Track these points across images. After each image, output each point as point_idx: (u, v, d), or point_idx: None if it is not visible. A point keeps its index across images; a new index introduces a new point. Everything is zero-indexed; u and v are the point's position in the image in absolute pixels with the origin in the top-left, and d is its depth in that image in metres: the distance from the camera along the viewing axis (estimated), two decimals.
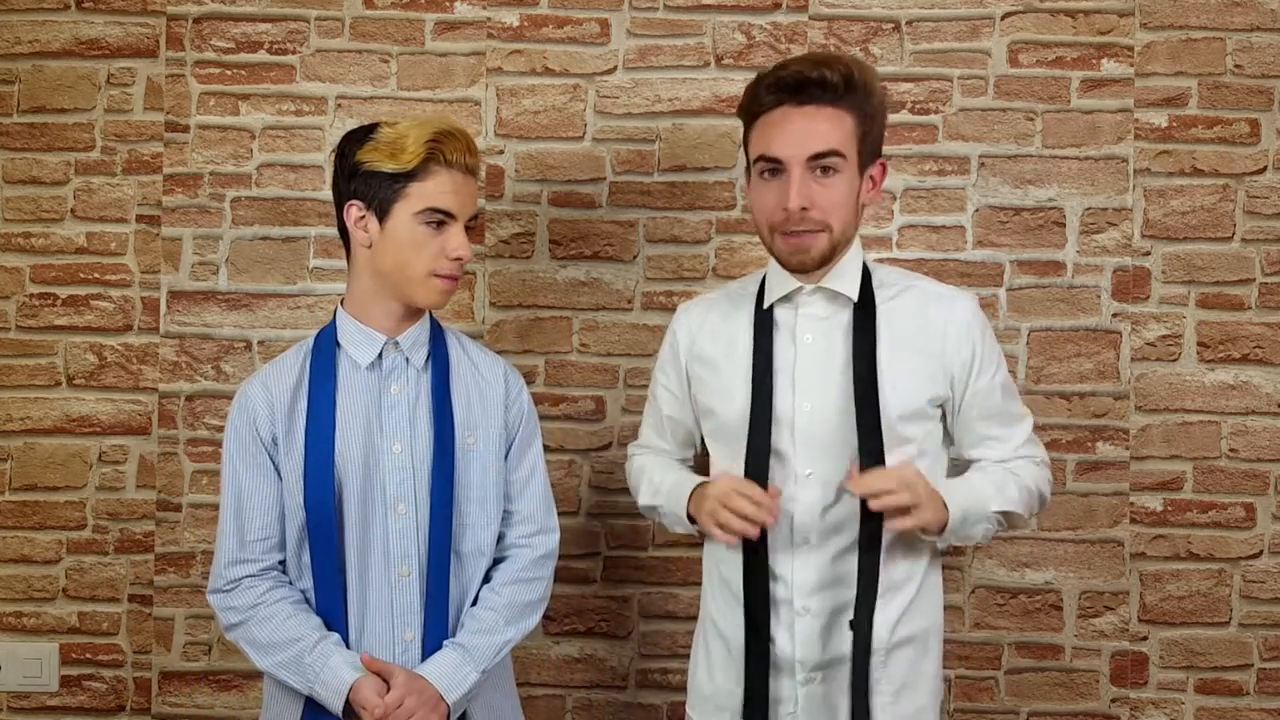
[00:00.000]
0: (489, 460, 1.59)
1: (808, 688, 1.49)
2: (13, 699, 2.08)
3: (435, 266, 1.50)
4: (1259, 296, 2.05)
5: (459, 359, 1.62)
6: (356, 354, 1.55)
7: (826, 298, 1.53)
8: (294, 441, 1.53)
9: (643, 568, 2.08)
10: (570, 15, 2.08)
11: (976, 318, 1.55)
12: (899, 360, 1.50)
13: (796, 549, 1.50)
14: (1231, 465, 2.05)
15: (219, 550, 1.55)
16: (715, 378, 1.58)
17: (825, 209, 1.45)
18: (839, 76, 1.44)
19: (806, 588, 1.49)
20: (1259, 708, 2.04)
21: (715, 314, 1.63)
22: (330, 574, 1.50)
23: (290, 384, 1.56)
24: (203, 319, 2.08)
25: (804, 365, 1.51)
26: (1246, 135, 2.05)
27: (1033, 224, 2.06)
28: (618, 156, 2.09)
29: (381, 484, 1.53)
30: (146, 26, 2.09)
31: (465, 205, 1.51)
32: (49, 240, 2.09)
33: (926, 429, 1.52)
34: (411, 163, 1.48)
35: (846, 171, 1.46)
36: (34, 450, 2.08)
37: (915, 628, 1.53)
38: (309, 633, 1.49)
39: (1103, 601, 2.05)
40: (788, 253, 1.49)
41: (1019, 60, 2.06)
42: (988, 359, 1.54)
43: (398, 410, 1.55)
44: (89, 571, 2.08)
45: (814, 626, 1.49)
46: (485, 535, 1.58)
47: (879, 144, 1.53)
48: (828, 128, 1.44)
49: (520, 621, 1.59)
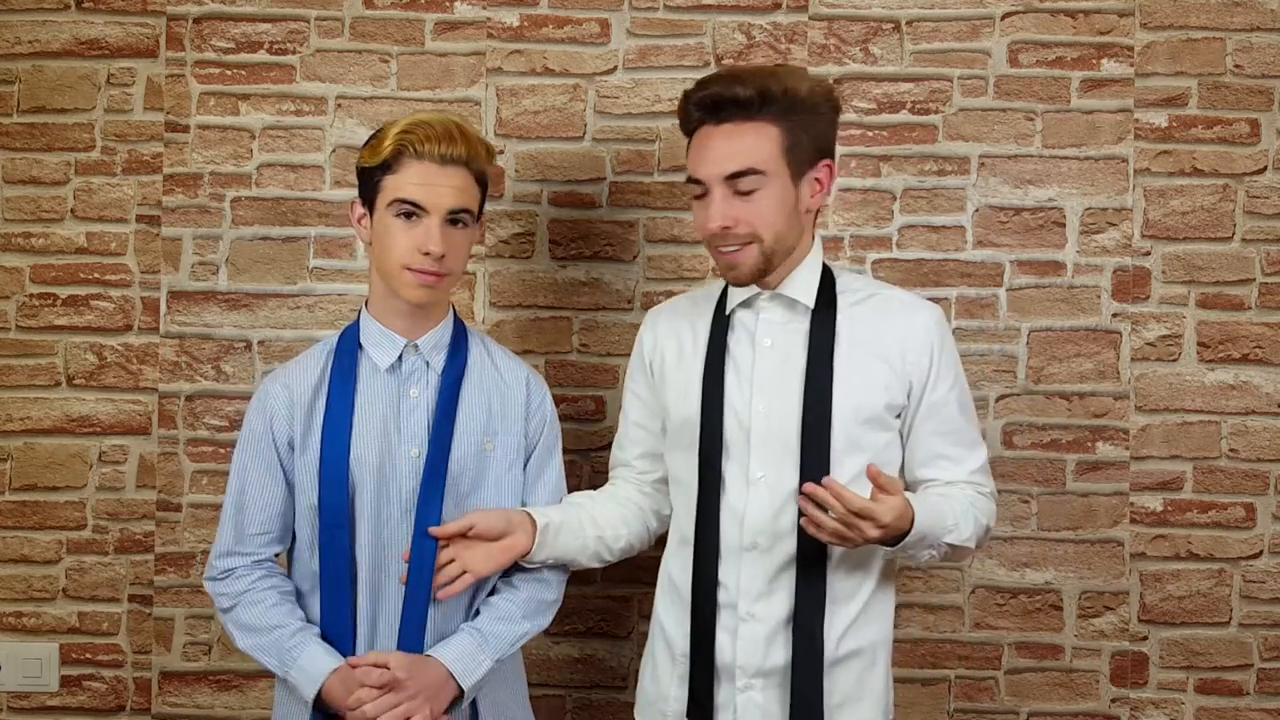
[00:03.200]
0: (505, 466, 1.58)
1: (746, 694, 1.48)
2: (13, 699, 2.08)
3: (407, 260, 1.48)
4: (1259, 296, 2.05)
5: (481, 363, 1.61)
6: (377, 356, 1.55)
7: (784, 304, 1.53)
8: (311, 442, 1.53)
9: (643, 568, 2.08)
10: (570, 15, 2.08)
11: (939, 327, 1.54)
12: (858, 365, 1.49)
13: (745, 553, 1.48)
14: (1231, 465, 2.05)
15: (218, 538, 1.58)
16: (673, 378, 1.59)
17: (751, 223, 1.45)
18: (752, 92, 1.43)
19: (752, 593, 1.48)
20: (1259, 708, 2.04)
21: (678, 317, 1.64)
22: (340, 578, 1.50)
23: (312, 384, 1.56)
24: (203, 319, 2.08)
25: (762, 368, 1.51)
26: (1246, 135, 2.05)
27: (1033, 224, 2.06)
28: (618, 156, 2.09)
29: (398, 488, 1.52)
30: (146, 26, 2.09)
31: (438, 197, 1.48)
32: (49, 240, 2.09)
33: (885, 439, 1.51)
34: (385, 155, 1.49)
35: (771, 185, 1.45)
36: (34, 450, 2.08)
37: (863, 640, 1.50)
38: (292, 621, 1.51)
39: (1103, 601, 2.05)
40: (723, 268, 1.51)
41: (1019, 60, 2.06)
42: (945, 369, 1.53)
43: (416, 414, 1.54)
44: (89, 571, 2.08)
45: (758, 633, 1.47)
46: None
47: (822, 143, 1.50)
48: (747, 145, 1.43)
49: (537, 617, 1.59)
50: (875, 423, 1.49)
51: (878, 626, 1.53)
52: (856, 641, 1.50)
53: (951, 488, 1.53)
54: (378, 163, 1.50)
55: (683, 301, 1.68)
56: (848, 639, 1.49)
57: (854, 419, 1.47)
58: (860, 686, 1.50)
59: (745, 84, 1.43)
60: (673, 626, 1.57)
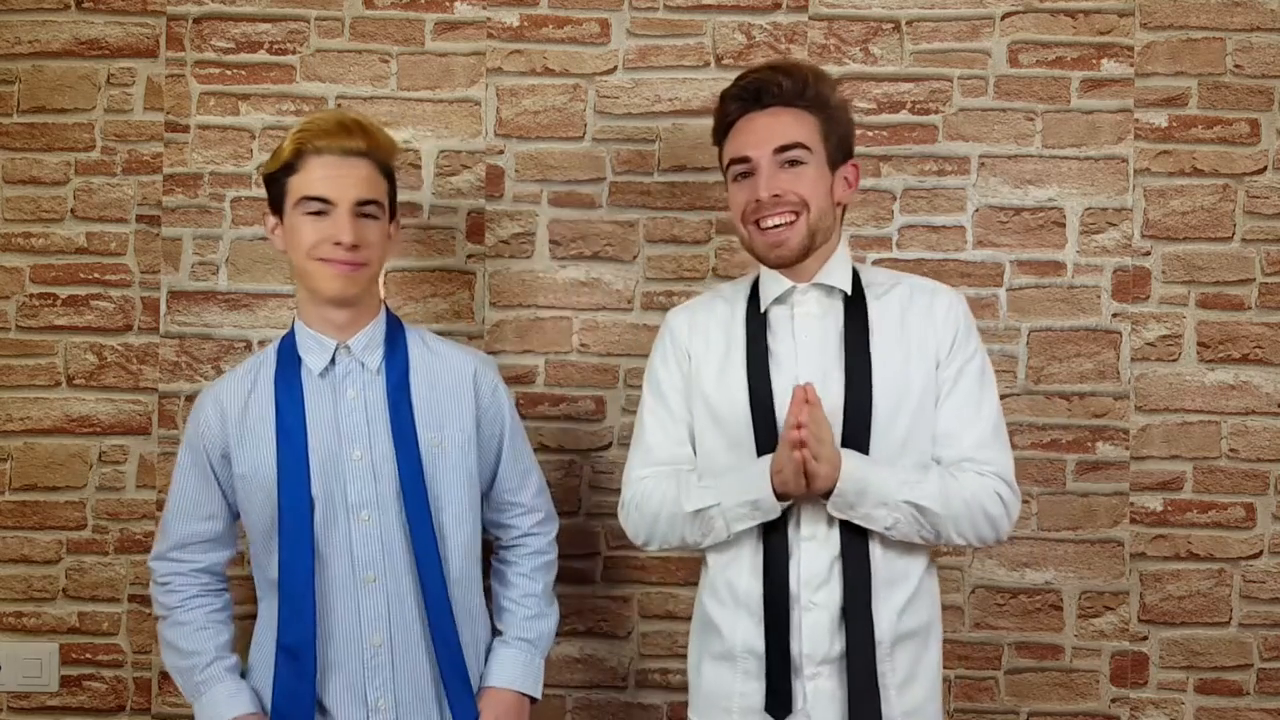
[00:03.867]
0: (458, 459, 1.58)
1: (814, 682, 1.49)
2: (13, 699, 2.08)
3: (319, 252, 1.49)
4: (1259, 296, 2.05)
5: (421, 358, 1.60)
6: (310, 361, 1.56)
7: (820, 294, 1.56)
8: (246, 452, 1.54)
9: (643, 568, 2.08)
10: (570, 15, 2.08)
11: (962, 306, 1.58)
12: (891, 350, 1.52)
13: (804, 543, 1.50)
14: (1231, 465, 2.05)
15: (158, 541, 1.62)
16: (718, 378, 1.57)
17: (798, 192, 1.50)
18: (796, 80, 1.52)
19: (813, 583, 1.49)
20: (1259, 708, 2.04)
21: (708, 314, 1.63)
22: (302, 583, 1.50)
23: (243, 395, 1.57)
24: (203, 319, 2.08)
25: (805, 359, 1.53)
26: (1246, 135, 2.05)
27: (1033, 224, 2.06)
28: (618, 156, 2.09)
29: (343, 490, 1.52)
30: (146, 26, 2.09)
31: (343, 189, 1.48)
32: (49, 240, 2.09)
33: (920, 423, 1.52)
34: (286, 157, 1.50)
35: (814, 163, 1.51)
36: (34, 450, 2.08)
37: (917, 621, 1.53)
38: (209, 650, 1.54)
39: (1103, 601, 2.05)
40: (766, 247, 1.53)
41: (1019, 60, 2.06)
42: (967, 345, 1.55)
43: (355, 416, 1.54)
44: (89, 571, 2.08)
45: (821, 620, 1.48)
46: (460, 534, 1.57)
47: (848, 146, 1.57)
48: (791, 122, 1.51)
49: (555, 602, 1.68)
50: (911, 406, 1.51)
51: (929, 608, 1.56)
52: (912, 623, 1.52)
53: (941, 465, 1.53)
54: (279, 166, 1.51)
55: (711, 300, 1.67)
56: (904, 620, 1.51)
57: (892, 403, 1.50)
58: (916, 665, 1.53)
59: (789, 75, 1.52)
60: (727, 624, 1.55)
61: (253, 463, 1.53)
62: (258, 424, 1.54)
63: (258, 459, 1.53)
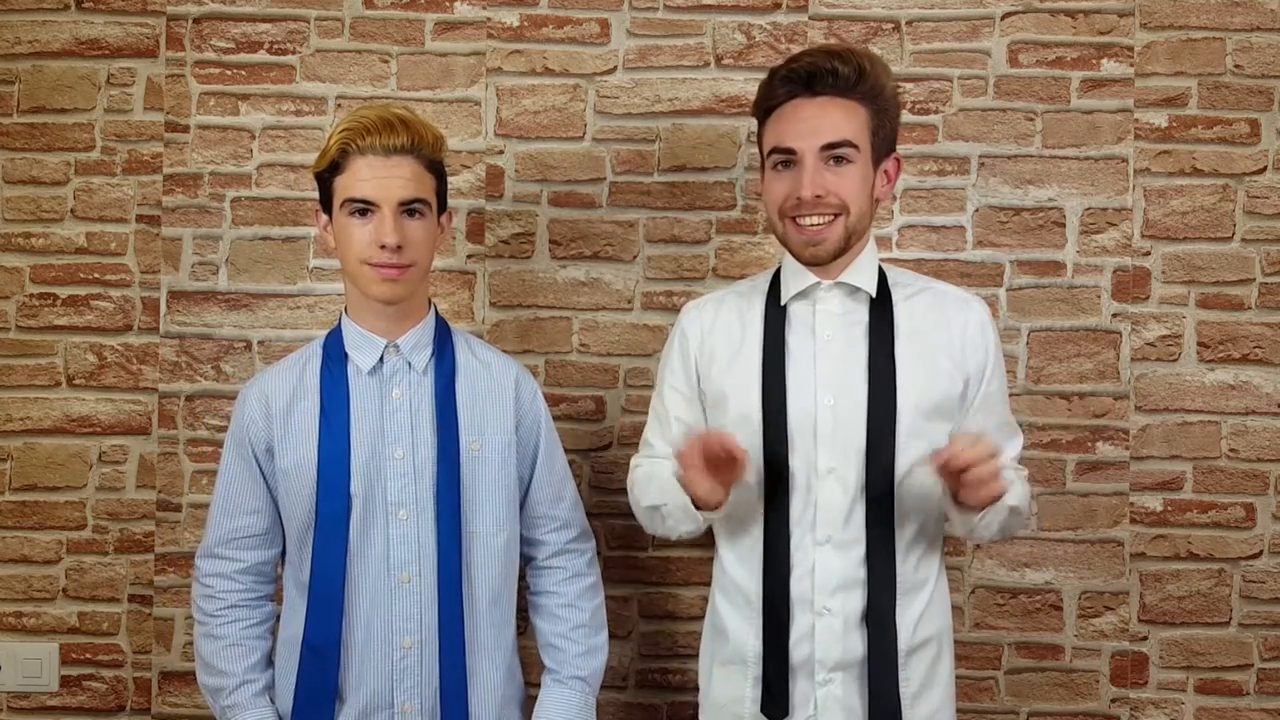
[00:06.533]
0: (496, 465, 1.57)
1: (825, 689, 1.48)
2: (13, 699, 2.08)
3: (365, 255, 1.47)
4: (1259, 296, 2.05)
5: (466, 362, 1.60)
6: (358, 359, 1.55)
7: (844, 293, 1.53)
8: (290, 446, 1.53)
9: (643, 568, 2.08)
10: (570, 15, 2.08)
11: (991, 322, 1.57)
12: (918, 356, 1.50)
13: (819, 547, 1.48)
14: (1231, 465, 2.05)
15: (204, 537, 1.60)
16: (729, 373, 1.56)
17: (840, 194, 1.45)
18: (852, 68, 1.44)
19: (828, 587, 1.47)
20: (1259, 708, 2.04)
21: (726, 311, 1.61)
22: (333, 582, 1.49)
23: (288, 389, 1.56)
24: (203, 319, 2.08)
25: (825, 360, 1.50)
26: (1246, 135, 2.05)
27: (1033, 224, 2.06)
28: (618, 156, 2.09)
29: (384, 489, 1.52)
30: (146, 26, 2.09)
31: (388, 189, 1.47)
32: (49, 240, 2.09)
33: (945, 430, 1.50)
34: (332, 157, 1.49)
35: (859, 162, 1.46)
36: (34, 450, 2.08)
37: (932, 629, 1.52)
38: (238, 671, 1.53)
39: (1103, 601, 2.05)
40: (802, 244, 1.49)
41: (1019, 60, 2.06)
42: (999, 364, 1.56)
43: (399, 415, 1.54)
44: (89, 571, 2.08)
45: (834, 626, 1.47)
46: (496, 541, 1.56)
47: (893, 138, 1.52)
48: (840, 118, 1.44)
49: (605, 629, 1.66)
50: (936, 413, 1.50)
51: (941, 616, 1.55)
52: (927, 631, 1.51)
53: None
54: (325, 166, 1.50)
55: (727, 295, 1.65)
56: (920, 629, 1.50)
57: (917, 410, 1.48)
58: (932, 674, 1.52)
59: (845, 61, 1.44)
60: (738, 628, 1.55)
61: (295, 457, 1.52)
62: (302, 418, 1.53)
63: (301, 453, 1.52)
